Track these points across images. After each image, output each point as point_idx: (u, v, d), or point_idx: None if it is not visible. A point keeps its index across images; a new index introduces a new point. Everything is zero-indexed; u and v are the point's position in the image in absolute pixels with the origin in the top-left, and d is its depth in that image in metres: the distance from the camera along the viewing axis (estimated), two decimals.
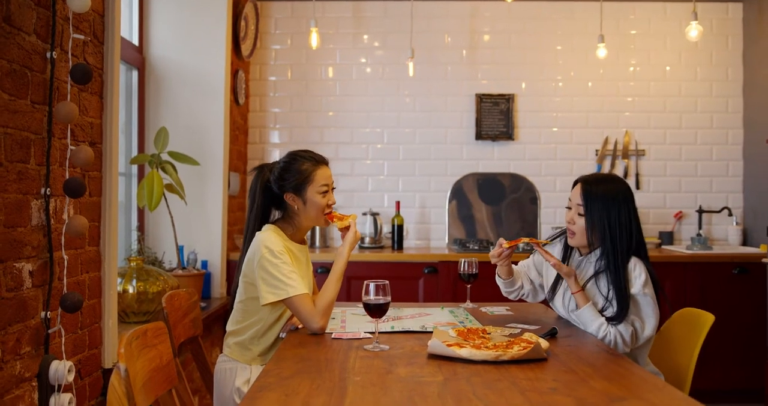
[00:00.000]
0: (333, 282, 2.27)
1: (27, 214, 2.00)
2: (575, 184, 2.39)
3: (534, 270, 2.62)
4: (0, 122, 1.85)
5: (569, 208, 2.38)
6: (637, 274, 2.24)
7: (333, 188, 2.42)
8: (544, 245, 2.45)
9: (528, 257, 2.69)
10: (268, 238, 2.27)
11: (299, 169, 2.35)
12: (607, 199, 2.28)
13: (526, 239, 2.44)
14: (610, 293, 2.25)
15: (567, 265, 2.41)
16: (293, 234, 2.42)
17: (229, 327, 2.42)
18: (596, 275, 2.31)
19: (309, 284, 2.42)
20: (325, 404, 1.49)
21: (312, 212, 2.36)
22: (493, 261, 2.46)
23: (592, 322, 2.25)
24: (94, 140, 2.41)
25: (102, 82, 2.47)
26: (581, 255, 2.42)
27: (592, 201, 2.29)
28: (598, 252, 2.33)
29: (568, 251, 2.48)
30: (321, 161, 2.40)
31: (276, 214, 2.48)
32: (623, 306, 2.20)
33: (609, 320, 2.22)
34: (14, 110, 1.92)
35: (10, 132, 1.90)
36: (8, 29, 1.89)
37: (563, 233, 2.51)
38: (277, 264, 2.22)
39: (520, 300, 2.66)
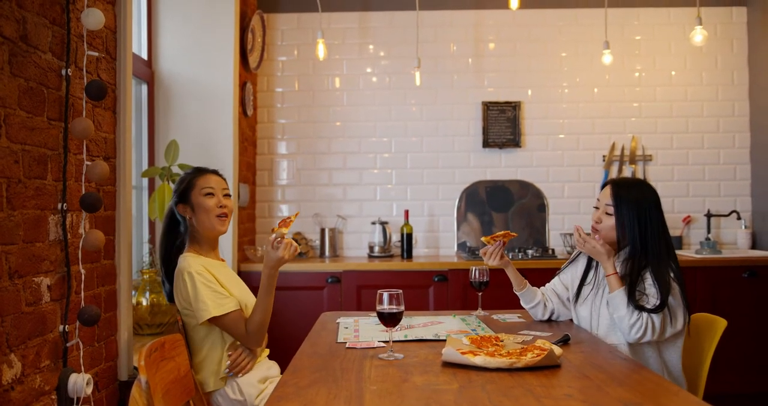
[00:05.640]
0: (257, 306, 2.29)
1: (45, 229, 2.03)
2: (604, 185, 2.47)
3: (561, 285, 2.64)
4: (18, 139, 1.89)
5: (597, 208, 2.46)
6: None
7: (227, 195, 2.44)
8: (564, 266, 2.65)
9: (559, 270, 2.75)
10: (184, 265, 2.30)
11: (181, 180, 2.44)
12: (638, 200, 2.35)
13: (501, 233, 2.60)
14: (649, 287, 2.29)
15: (594, 272, 2.50)
16: (204, 252, 2.43)
17: (195, 368, 2.32)
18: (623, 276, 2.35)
19: (246, 295, 2.43)
20: None
21: (202, 216, 2.38)
22: (491, 263, 2.59)
23: (625, 305, 2.27)
24: (108, 155, 2.45)
25: (115, 98, 2.51)
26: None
27: (621, 201, 2.36)
28: (625, 253, 2.37)
29: (593, 260, 2.52)
30: (205, 171, 2.46)
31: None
32: (665, 297, 2.24)
33: (650, 311, 2.23)
34: (32, 127, 1.95)
35: (28, 149, 1.94)
36: (25, 48, 1.92)
37: (577, 255, 2.63)
38: (198, 286, 2.25)
39: (550, 319, 2.65)
